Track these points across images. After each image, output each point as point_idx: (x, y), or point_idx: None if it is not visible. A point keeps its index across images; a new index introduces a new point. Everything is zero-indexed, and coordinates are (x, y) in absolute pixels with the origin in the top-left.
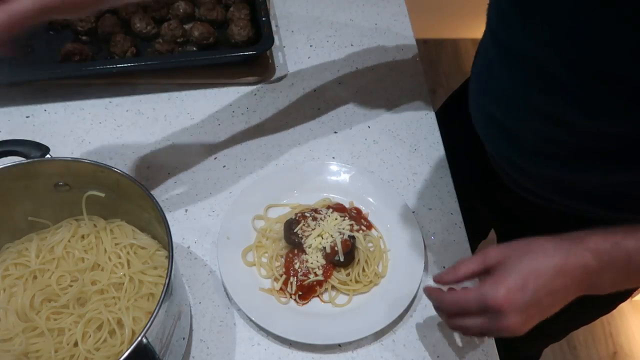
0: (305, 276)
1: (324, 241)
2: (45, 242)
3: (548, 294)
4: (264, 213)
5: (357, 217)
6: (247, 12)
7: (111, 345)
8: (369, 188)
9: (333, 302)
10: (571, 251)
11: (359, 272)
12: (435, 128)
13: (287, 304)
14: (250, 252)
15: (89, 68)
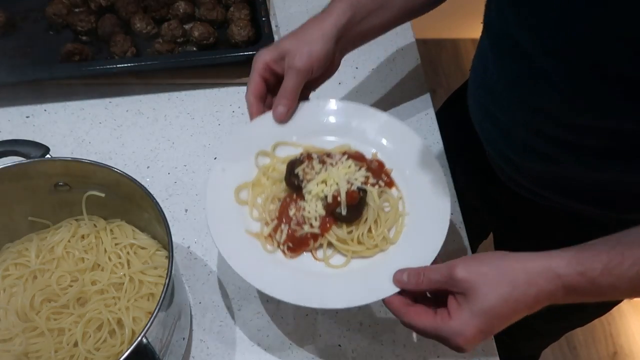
0: (299, 226)
1: (327, 189)
2: (45, 242)
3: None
4: (271, 150)
5: (376, 171)
6: (247, 12)
7: (111, 345)
8: (399, 141)
9: (327, 261)
10: (544, 290)
11: (363, 232)
12: (435, 128)
13: (272, 253)
14: (246, 190)
15: (89, 68)
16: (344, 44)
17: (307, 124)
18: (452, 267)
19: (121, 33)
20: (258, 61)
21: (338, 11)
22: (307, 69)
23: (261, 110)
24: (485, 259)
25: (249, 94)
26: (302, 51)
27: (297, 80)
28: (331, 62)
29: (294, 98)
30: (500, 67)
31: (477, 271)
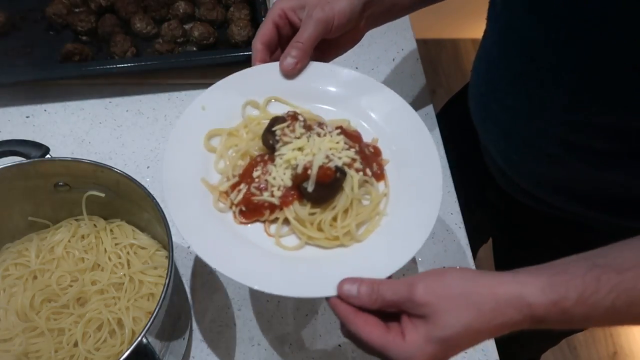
0: (259, 190)
1: (301, 157)
2: (45, 242)
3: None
4: (263, 103)
5: (369, 158)
6: (247, 12)
7: (111, 345)
8: (409, 136)
9: (277, 239)
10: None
11: (326, 220)
12: (435, 128)
13: (222, 212)
14: (219, 137)
15: (89, 68)
16: (373, 9)
17: (312, 87)
18: (412, 286)
19: (121, 33)
20: (275, 7)
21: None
22: (327, 20)
23: (266, 59)
24: (450, 281)
25: (257, 40)
26: (325, 1)
27: (314, 31)
28: (355, 28)
29: (307, 51)
30: (505, 63)
31: (439, 294)
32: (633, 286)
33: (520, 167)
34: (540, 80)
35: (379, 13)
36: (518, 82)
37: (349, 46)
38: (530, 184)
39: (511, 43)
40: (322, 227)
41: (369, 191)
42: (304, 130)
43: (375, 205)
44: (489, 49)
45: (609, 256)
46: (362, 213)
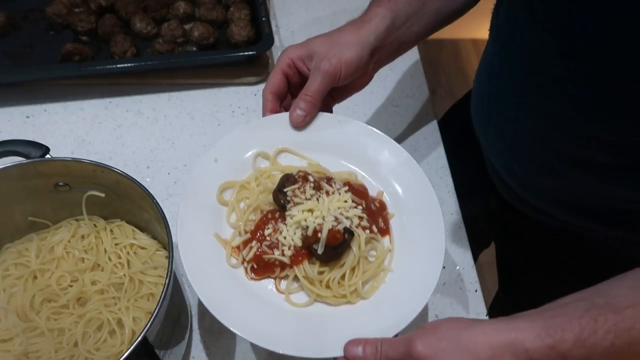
0: (270, 248)
1: (311, 219)
2: (45, 242)
3: None
4: (273, 155)
5: (375, 213)
6: (247, 12)
7: (111, 346)
8: (411, 189)
9: (287, 295)
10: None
11: (335, 277)
12: (435, 128)
13: (234, 267)
14: (232, 189)
15: (89, 68)
16: (381, 54)
17: (321, 138)
18: (410, 342)
19: (121, 33)
20: (283, 56)
21: (377, 17)
22: (335, 73)
23: (277, 109)
24: (446, 333)
25: (267, 89)
26: (332, 54)
27: (322, 84)
28: (363, 73)
29: (316, 103)
30: (509, 74)
31: (436, 347)
32: (632, 325)
33: (523, 179)
34: (545, 93)
35: (387, 56)
36: (522, 94)
37: (358, 89)
38: (532, 196)
39: (515, 54)
40: (330, 285)
41: (375, 247)
42: (314, 191)
43: (380, 261)
44: (491, 60)
45: (608, 294)
46: (369, 270)
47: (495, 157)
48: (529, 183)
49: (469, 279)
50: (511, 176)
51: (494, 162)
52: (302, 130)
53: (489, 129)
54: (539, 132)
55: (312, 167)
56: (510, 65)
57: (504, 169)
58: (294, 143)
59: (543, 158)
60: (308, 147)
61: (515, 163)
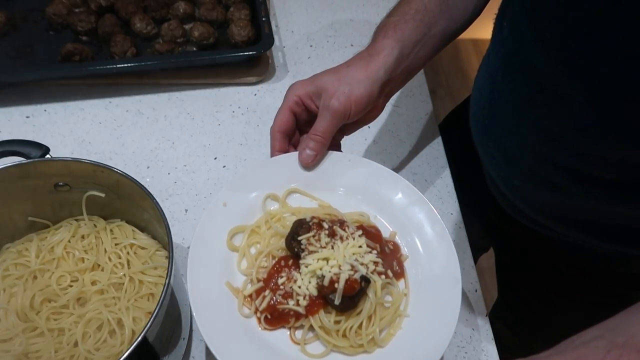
0: (284, 298)
1: (327, 268)
2: (45, 242)
3: None
4: (283, 196)
5: (390, 256)
6: (247, 12)
7: (111, 346)
8: (426, 229)
9: (303, 346)
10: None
11: (352, 327)
12: (435, 128)
13: (247, 317)
14: (241, 234)
15: (89, 68)
16: (391, 86)
17: (331, 178)
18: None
19: (121, 33)
20: (290, 93)
21: (386, 50)
22: (344, 111)
23: (285, 148)
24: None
25: (275, 128)
26: (341, 91)
27: (331, 123)
28: (374, 107)
29: (325, 142)
30: (511, 89)
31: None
32: None
33: (522, 192)
34: (549, 109)
35: (397, 86)
36: (525, 109)
37: (368, 122)
38: (531, 209)
39: (519, 70)
40: (347, 334)
41: (390, 292)
42: (328, 239)
43: (396, 307)
44: (494, 72)
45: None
46: (385, 317)
47: (494, 170)
48: (528, 197)
49: (469, 278)
50: (510, 189)
51: (493, 174)
52: (312, 170)
53: (489, 141)
54: (541, 148)
55: (322, 208)
56: (514, 80)
57: (502, 182)
58: (303, 183)
59: (544, 173)
60: (318, 188)
61: (515, 177)
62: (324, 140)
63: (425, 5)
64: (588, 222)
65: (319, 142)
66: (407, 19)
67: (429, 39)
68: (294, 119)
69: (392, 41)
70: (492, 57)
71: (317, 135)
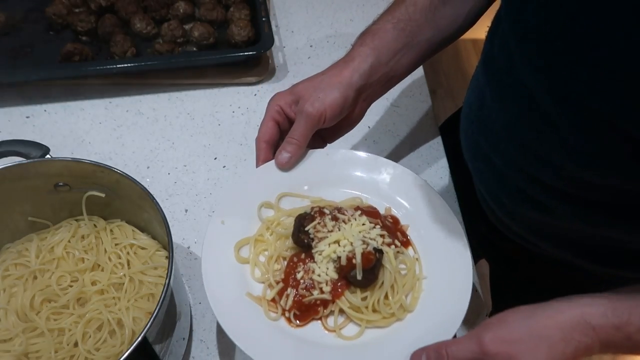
0: (307, 291)
1: (340, 249)
2: (45, 242)
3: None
4: (276, 202)
5: (392, 228)
6: (247, 12)
7: (111, 346)
8: (414, 196)
9: (338, 331)
10: (581, 343)
11: (379, 299)
12: (435, 128)
13: (276, 320)
14: (247, 246)
15: (89, 68)
16: (369, 91)
17: (315, 174)
18: (480, 339)
19: (121, 33)
20: (272, 104)
21: (359, 57)
22: (318, 115)
23: (270, 157)
24: (515, 323)
25: (259, 138)
26: (315, 97)
27: (305, 126)
28: (351, 112)
29: (301, 145)
30: (500, 107)
31: (509, 339)
32: None
33: (510, 210)
34: (537, 131)
35: (376, 92)
36: (513, 128)
37: (349, 128)
38: (520, 227)
39: (508, 89)
40: (377, 308)
41: (403, 260)
42: (333, 222)
43: (412, 272)
44: (482, 89)
45: None
46: (406, 283)
47: (483, 185)
48: (516, 215)
49: None
50: (498, 205)
51: (482, 190)
52: (295, 171)
53: (477, 156)
54: (529, 167)
55: (316, 203)
56: (503, 99)
57: (491, 198)
58: (291, 186)
59: (531, 192)
60: (306, 186)
61: (503, 194)
62: (300, 143)
63: (410, 14)
64: (575, 242)
65: (294, 145)
66: (387, 28)
67: (412, 47)
68: (277, 128)
69: (367, 49)
70: (481, 74)
71: (292, 138)
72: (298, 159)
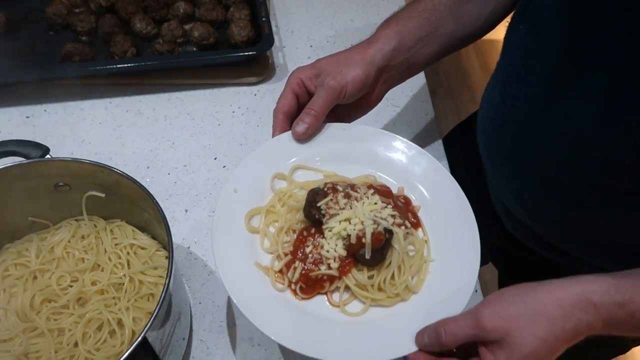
0: (315, 265)
1: (351, 227)
2: (45, 243)
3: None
4: (289, 173)
5: (403, 209)
6: (247, 12)
7: (111, 346)
8: (429, 178)
9: (343, 307)
10: (582, 320)
11: (385, 279)
12: (435, 128)
13: (282, 292)
14: (258, 215)
15: (89, 68)
16: (389, 73)
17: (331, 148)
18: (477, 316)
19: (121, 33)
20: (293, 76)
21: (384, 39)
22: (339, 88)
23: (287, 128)
24: (513, 298)
25: (278, 109)
26: (337, 71)
27: (325, 98)
28: (370, 92)
29: (318, 117)
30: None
31: (507, 315)
32: None
33: (534, 208)
34: (566, 110)
35: (396, 76)
36: (541, 113)
37: (366, 109)
38: (542, 227)
39: (535, 70)
40: (383, 287)
41: (412, 241)
42: (345, 200)
43: (420, 254)
44: (505, 80)
45: None
46: (413, 265)
47: (503, 185)
48: (540, 212)
49: None
50: (520, 205)
51: (501, 191)
52: (311, 144)
53: (498, 153)
54: (556, 154)
55: (329, 178)
56: (529, 83)
57: (512, 198)
58: (305, 159)
59: (558, 184)
60: (320, 160)
61: (526, 190)
62: (318, 115)
63: (435, 5)
64: (603, 241)
65: (312, 116)
66: (412, 16)
67: (434, 37)
68: (296, 101)
69: (392, 32)
70: (503, 65)
71: (312, 109)
72: (315, 131)
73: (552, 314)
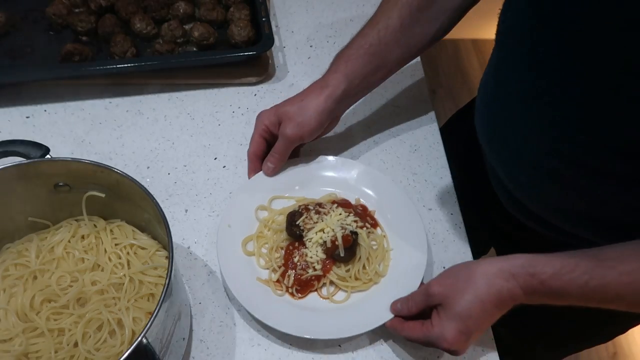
0: (303, 270)
1: (325, 235)
2: (45, 243)
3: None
4: (268, 204)
5: (362, 214)
6: (247, 12)
7: (111, 346)
8: (376, 186)
9: (331, 298)
10: (504, 288)
11: (359, 269)
12: (435, 128)
13: (282, 296)
14: (251, 241)
15: (89, 68)
16: (342, 108)
17: (297, 178)
18: (428, 286)
19: (121, 33)
20: (259, 122)
21: (333, 84)
22: (296, 138)
23: (259, 167)
24: (453, 272)
25: (251, 152)
26: (295, 122)
27: (285, 146)
28: (329, 124)
29: (282, 159)
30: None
31: (447, 283)
32: (607, 273)
33: (528, 188)
34: (552, 98)
35: (348, 106)
36: (529, 99)
37: (326, 133)
38: (538, 206)
39: (522, 58)
40: (358, 276)
41: (374, 238)
42: (317, 215)
43: (382, 246)
44: (498, 66)
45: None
46: (378, 255)
47: (500, 167)
48: (534, 193)
49: None
50: (516, 186)
51: (499, 172)
52: (281, 177)
53: (494, 137)
54: (546, 139)
55: (301, 201)
56: (517, 70)
57: (508, 179)
58: (279, 189)
59: (551, 166)
60: (291, 188)
61: (521, 172)
62: (281, 157)
63: (380, 38)
64: (595, 217)
65: (276, 159)
66: (360, 54)
67: (383, 67)
68: (265, 143)
69: (340, 75)
70: (496, 52)
71: (275, 153)
72: (280, 168)
73: (478, 282)
